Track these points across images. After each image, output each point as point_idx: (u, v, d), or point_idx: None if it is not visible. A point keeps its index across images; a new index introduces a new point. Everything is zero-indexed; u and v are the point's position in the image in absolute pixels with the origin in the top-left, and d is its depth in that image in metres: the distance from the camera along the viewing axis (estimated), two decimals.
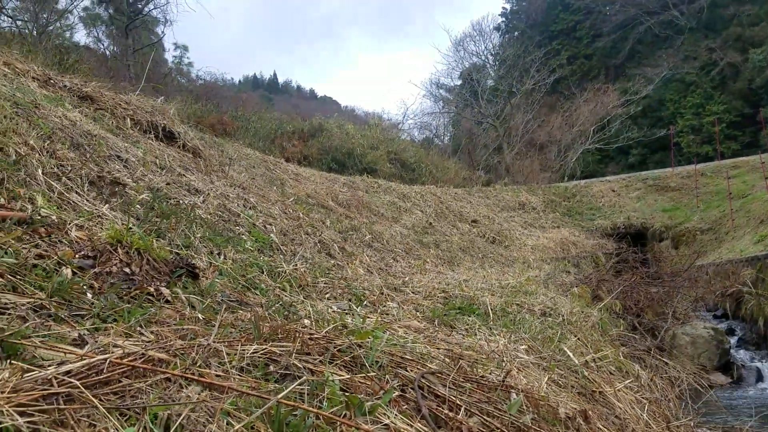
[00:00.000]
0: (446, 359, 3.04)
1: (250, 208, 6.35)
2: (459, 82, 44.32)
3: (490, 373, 2.98)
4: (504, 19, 53.47)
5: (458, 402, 2.38)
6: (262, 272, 4.31)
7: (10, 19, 21.87)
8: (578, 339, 5.36)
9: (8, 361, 1.72)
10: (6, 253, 2.55)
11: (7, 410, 1.40)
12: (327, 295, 4.46)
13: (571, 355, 4.37)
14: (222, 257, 4.19)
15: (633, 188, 21.84)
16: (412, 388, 2.37)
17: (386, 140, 25.81)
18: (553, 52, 43.35)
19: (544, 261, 12.66)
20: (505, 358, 3.51)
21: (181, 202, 5.08)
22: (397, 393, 2.28)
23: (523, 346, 4.10)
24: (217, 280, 3.56)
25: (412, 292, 5.65)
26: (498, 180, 26.67)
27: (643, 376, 5.66)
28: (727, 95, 37.50)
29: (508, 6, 54.44)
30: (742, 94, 36.87)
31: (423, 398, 2.29)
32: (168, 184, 5.47)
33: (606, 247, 16.20)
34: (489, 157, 34.77)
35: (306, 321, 3.19)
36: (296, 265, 4.84)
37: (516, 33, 51.50)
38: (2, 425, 1.35)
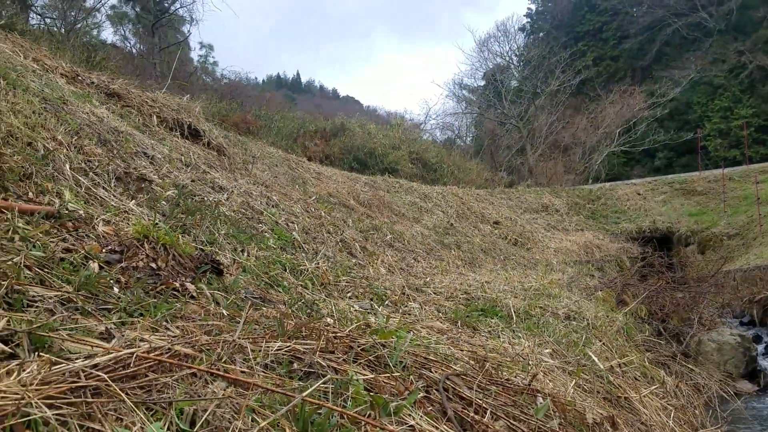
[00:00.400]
0: (470, 361, 3.00)
1: (272, 206, 6.37)
2: (482, 83, 44.06)
3: (515, 377, 2.94)
4: (529, 19, 53.09)
5: (484, 405, 2.35)
6: (285, 270, 4.32)
7: (39, 16, 22.27)
8: (603, 344, 5.28)
9: (36, 353, 1.73)
10: (34, 246, 2.58)
11: (35, 402, 1.40)
12: (349, 294, 4.45)
13: (596, 359, 4.30)
14: (245, 254, 4.21)
15: (659, 192, 21.54)
16: (436, 390, 2.34)
17: (408, 140, 25.70)
18: (578, 53, 42.86)
19: (568, 264, 12.51)
20: (530, 362, 3.46)
21: (205, 199, 5.11)
22: (421, 394, 2.26)
23: (547, 350, 4.05)
24: (240, 276, 3.57)
25: (434, 293, 5.61)
26: (521, 181, 26.46)
27: (669, 383, 5.56)
28: (756, 99, 36.76)
29: (533, 7, 54.08)
30: None
31: (448, 400, 2.26)
32: (193, 181, 5.51)
33: (631, 251, 15.98)
34: (512, 158, 34.51)
35: (329, 319, 3.17)
36: (318, 263, 4.84)
37: (541, 34, 51.10)
38: (31, 417, 1.35)
